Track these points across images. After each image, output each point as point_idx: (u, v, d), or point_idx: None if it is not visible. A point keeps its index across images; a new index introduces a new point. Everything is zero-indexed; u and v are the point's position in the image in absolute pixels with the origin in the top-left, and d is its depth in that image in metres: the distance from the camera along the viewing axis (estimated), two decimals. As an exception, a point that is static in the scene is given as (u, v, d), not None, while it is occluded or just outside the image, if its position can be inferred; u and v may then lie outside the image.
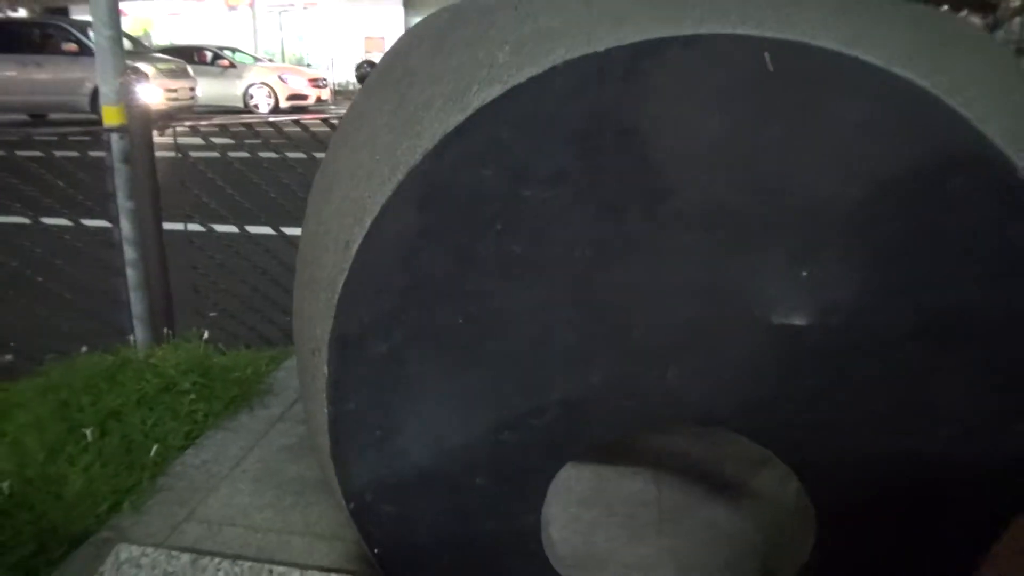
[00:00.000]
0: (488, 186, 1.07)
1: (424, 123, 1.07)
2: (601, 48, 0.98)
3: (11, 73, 11.76)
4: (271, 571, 1.32)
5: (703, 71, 0.98)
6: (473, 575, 1.34)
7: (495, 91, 1.02)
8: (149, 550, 1.33)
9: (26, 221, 2.48)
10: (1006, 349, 1.04)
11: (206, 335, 2.44)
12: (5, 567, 1.41)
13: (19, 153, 2.41)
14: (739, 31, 0.96)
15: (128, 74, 2.54)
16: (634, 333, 1.13)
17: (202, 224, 2.87)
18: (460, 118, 1.04)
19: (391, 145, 1.11)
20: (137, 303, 2.72)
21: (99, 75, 2.60)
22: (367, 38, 20.72)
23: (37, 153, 2.44)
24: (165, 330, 2.64)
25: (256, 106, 14.85)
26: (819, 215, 1.02)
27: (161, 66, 12.44)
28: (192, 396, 2.10)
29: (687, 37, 0.97)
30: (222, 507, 1.69)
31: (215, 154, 2.76)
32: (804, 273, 1.06)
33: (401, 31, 16.94)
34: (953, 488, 1.15)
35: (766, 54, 0.95)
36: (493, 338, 1.15)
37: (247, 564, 1.34)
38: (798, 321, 1.08)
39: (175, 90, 12.16)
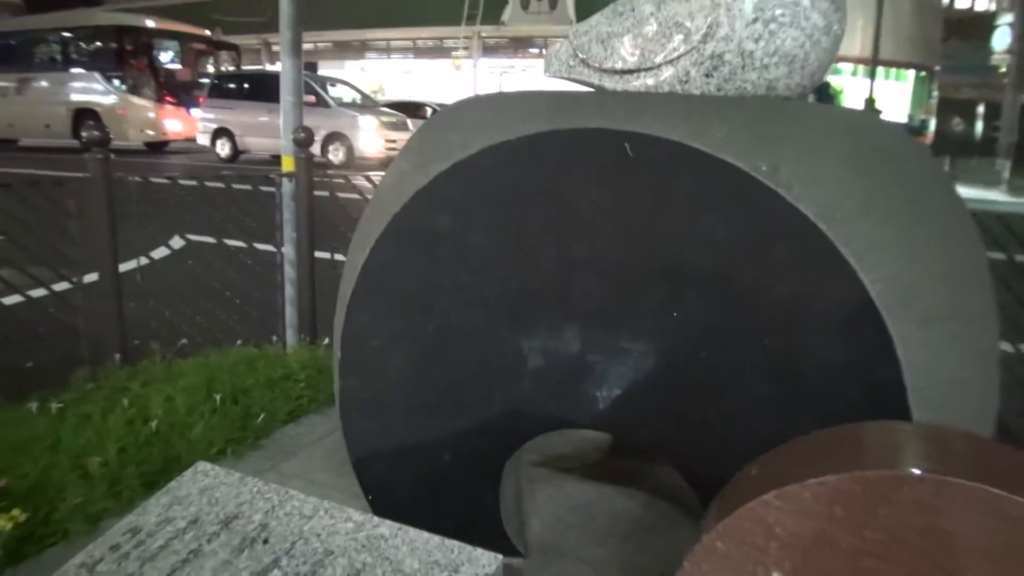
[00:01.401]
0: (444, 231, 1.50)
1: (405, 183, 1.53)
2: (513, 136, 1.39)
3: (263, 119, 13.90)
4: (305, 500, 1.78)
5: (583, 154, 1.35)
6: (444, 528, 1.72)
7: (447, 164, 1.46)
8: (221, 470, 1.85)
9: (213, 241, 3.25)
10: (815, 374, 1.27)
11: (327, 341, 3.03)
12: (140, 475, 2.02)
13: (208, 184, 3.20)
14: (609, 127, 1.32)
15: (299, 132, 3.25)
16: (552, 353, 1.49)
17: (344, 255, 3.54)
18: (424, 181, 1.48)
19: (387, 197, 1.58)
20: (290, 313, 3.40)
21: (282, 131, 3.36)
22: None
23: (242, 187, 3.21)
24: (305, 336, 3.28)
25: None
26: (678, 270, 1.34)
27: (385, 119, 14.08)
28: (303, 385, 2.69)
29: (573, 129, 1.35)
30: (296, 466, 2.22)
31: (357, 196, 3.42)
32: (675, 314, 1.37)
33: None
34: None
35: (626, 144, 1.30)
36: (452, 345, 1.57)
37: (292, 494, 1.81)
38: (673, 351, 1.38)
39: (394, 141, 13.69)
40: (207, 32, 18.41)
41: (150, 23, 17.17)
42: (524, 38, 20.82)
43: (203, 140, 15.54)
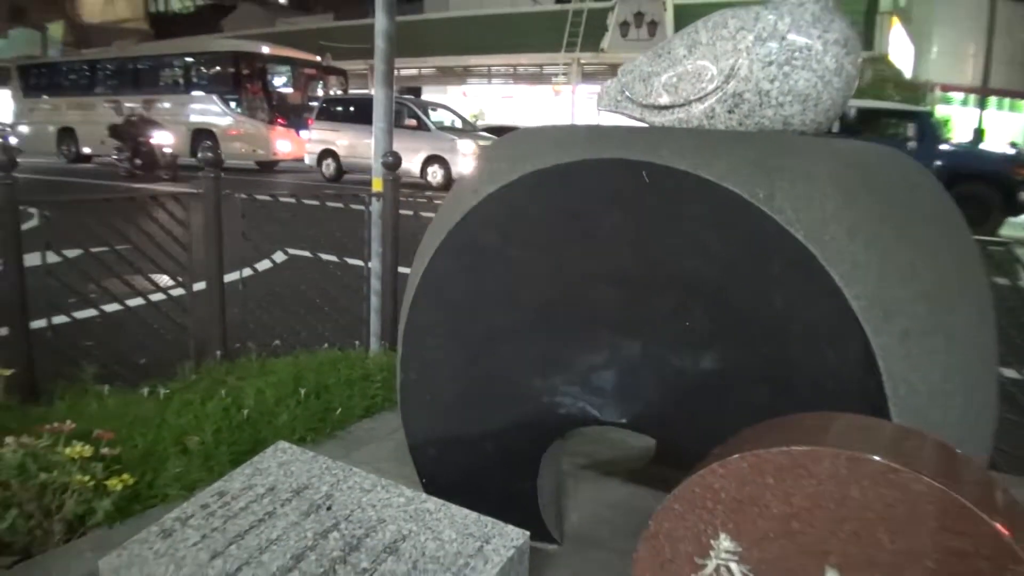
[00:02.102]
0: (490, 246, 1.73)
1: (461, 203, 1.77)
2: (550, 164, 1.61)
3: (366, 140, 14.63)
4: (365, 476, 2.02)
5: (607, 180, 1.55)
6: (487, 511, 1.93)
7: (494, 188, 1.69)
8: (297, 449, 2.13)
9: (308, 254, 3.60)
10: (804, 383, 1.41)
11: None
12: (230, 453, 2.32)
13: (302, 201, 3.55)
14: (630, 157, 1.52)
15: (388, 156, 3.57)
16: (579, 356, 1.69)
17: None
18: (475, 201, 1.72)
19: (446, 215, 1.82)
20: (373, 321, 3.71)
21: (373, 155, 3.68)
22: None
23: (334, 205, 3.56)
24: (386, 343, 3.58)
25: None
26: (687, 283, 1.51)
27: (482, 143, 14.56)
28: (379, 385, 2.96)
29: (600, 160, 1.56)
30: (366, 455, 2.48)
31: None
32: (686, 323, 1.55)
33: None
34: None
35: (644, 172, 1.50)
36: (495, 346, 1.79)
37: (355, 471, 2.06)
38: (683, 356, 1.56)
39: (489, 163, 14.11)
40: (317, 58, 19.50)
41: (265, 49, 18.35)
42: (623, 65, 21.02)
43: (310, 161, 16.43)
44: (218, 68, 18.51)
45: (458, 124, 16.06)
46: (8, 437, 1.97)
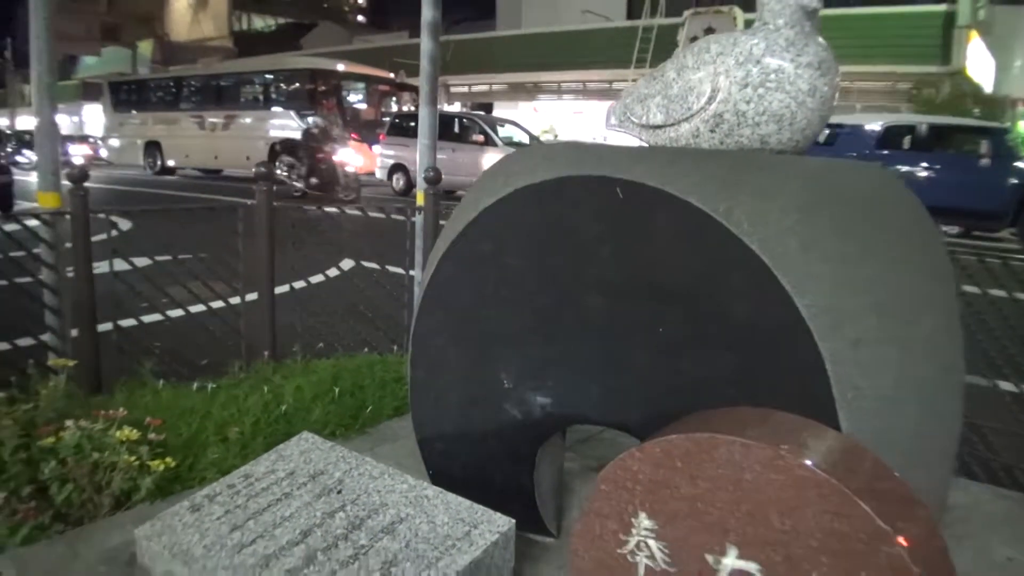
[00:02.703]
0: (487, 254, 1.88)
1: (463, 215, 1.93)
2: (538, 180, 1.75)
3: (439, 156, 15.03)
4: (375, 466, 2.20)
5: (588, 195, 1.68)
6: (488, 503, 2.07)
7: (490, 201, 1.84)
8: (319, 439, 2.31)
9: (353, 263, 3.82)
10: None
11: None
12: (265, 443, 2.53)
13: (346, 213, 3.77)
14: (607, 174, 1.65)
15: (430, 172, 3.77)
16: (569, 358, 1.82)
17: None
18: (474, 214, 1.88)
19: (451, 225, 1.98)
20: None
21: (417, 170, 3.89)
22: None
23: (377, 215, 3.78)
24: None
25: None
26: (660, 290, 1.63)
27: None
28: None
29: (581, 176, 1.69)
30: (389, 451, 2.66)
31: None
32: (661, 329, 1.66)
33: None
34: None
35: (617, 188, 1.63)
36: (493, 347, 1.94)
37: (367, 460, 2.23)
38: (659, 359, 1.67)
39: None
40: (391, 75, 20.11)
41: (340, 67, 19.04)
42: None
43: (380, 175, 16.94)
44: (295, 84, 19.31)
45: (525, 140, 16.29)
46: (68, 421, 2.23)
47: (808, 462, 0.98)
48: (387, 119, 18.17)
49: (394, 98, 19.98)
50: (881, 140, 11.10)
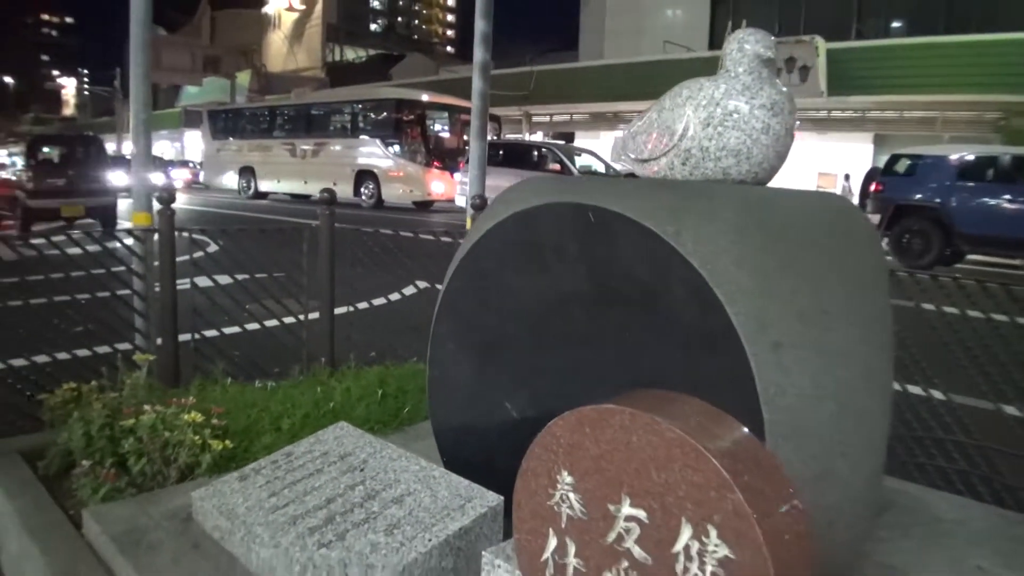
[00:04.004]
0: (489, 270, 2.21)
1: (471, 236, 2.28)
2: (528, 207, 2.07)
3: (513, 183, 15.50)
4: (395, 450, 2.54)
5: (566, 219, 2.00)
6: (492, 487, 2.36)
7: (491, 224, 2.18)
8: (352, 427, 2.68)
9: (408, 277, 4.22)
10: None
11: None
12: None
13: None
14: (582, 202, 1.96)
15: (477, 199, 4.14)
16: (557, 359, 2.12)
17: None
18: (477, 236, 2.21)
19: (463, 245, 2.33)
20: (460, 342, 4.26)
21: (467, 198, 4.27)
22: (820, 174, 21.14)
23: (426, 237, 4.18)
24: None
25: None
26: (625, 301, 1.92)
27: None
28: (446, 393, 3.48)
29: (562, 203, 2.01)
30: (421, 447, 2.99)
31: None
32: (627, 335, 1.95)
33: (867, 166, 17.19)
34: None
35: (589, 213, 1.93)
36: (495, 351, 2.26)
37: (389, 446, 2.57)
38: (628, 360, 1.95)
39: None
40: (472, 104, 20.80)
41: (424, 97, 19.88)
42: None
43: (460, 202, 17.54)
44: (382, 114, 20.27)
45: (601, 169, 16.60)
46: (146, 406, 2.67)
47: (676, 427, 1.26)
48: (467, 148, 18.81)
49: (475, 127, 20.65)
50: (963, 171, 10.90)
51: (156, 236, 3.47)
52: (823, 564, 1.80)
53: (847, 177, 20.33)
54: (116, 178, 13.73)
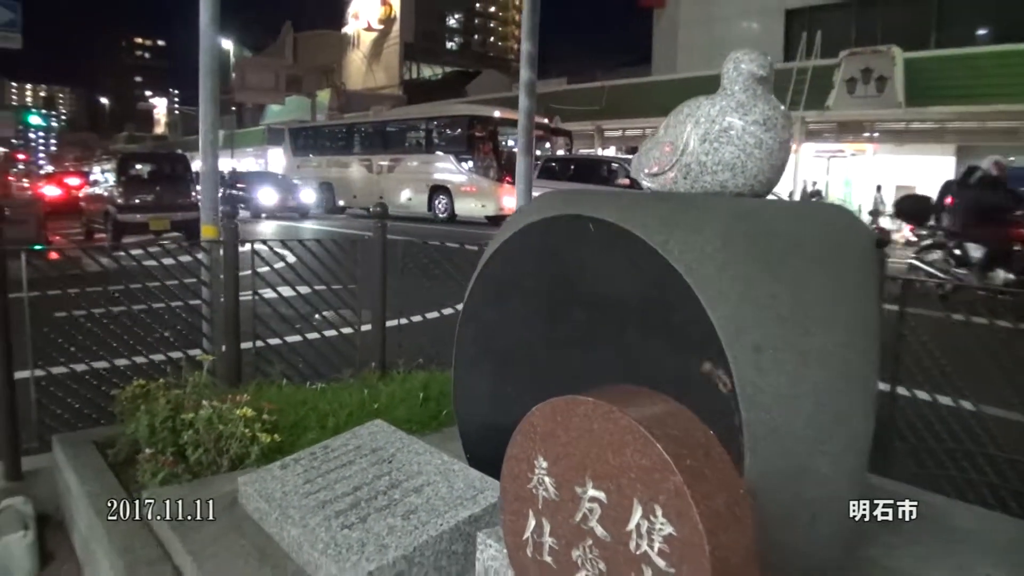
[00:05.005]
0: (508, 278, 2.39)
1: (492, 245, 2.46)
2: (540, 218, 2.25)
3: (581, 198, 15.66)
4: (422, 445, 2.73)
5: (571, 229, 2.16)
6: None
7: (508, 235, 2.36)
8: (387, 424, 2.88)
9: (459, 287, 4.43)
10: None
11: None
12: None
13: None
14: (584, 213, 2.12)
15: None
16: (569, 358, 2.27)
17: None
18: (496, 245, 2.40)
19: (485, 253, 2.51)
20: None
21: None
22: (898, 187, 20.50)
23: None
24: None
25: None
26: (621, 304, 2.06)
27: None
28: (485, 398, 3.67)
29: (567, 215, 2.17)
30: (454, 448, 3.18)
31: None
32: (623, 336, 2.09)
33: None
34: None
35: (590, 224, 2.09)
36: (517, 352, 2.43)
37: (416, 441, 2.76)
38: (625, 356, 2.10)
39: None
40: (546, 120, 21.07)
41: (496, 113, 20.24)
42: (851, 122, 20.25)
43: (530, 214, 17.74)
44: (455, 130, 20.76)
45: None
46: (204, 401, 2.95)
47: (629, 415, 1.40)
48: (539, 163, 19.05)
49: (548, 142, 20.90)
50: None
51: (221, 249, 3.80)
52: (807, 556, 1.90)
53: (879, 188, 20.17)
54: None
